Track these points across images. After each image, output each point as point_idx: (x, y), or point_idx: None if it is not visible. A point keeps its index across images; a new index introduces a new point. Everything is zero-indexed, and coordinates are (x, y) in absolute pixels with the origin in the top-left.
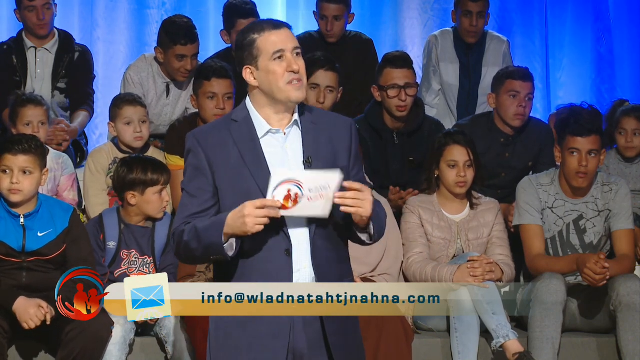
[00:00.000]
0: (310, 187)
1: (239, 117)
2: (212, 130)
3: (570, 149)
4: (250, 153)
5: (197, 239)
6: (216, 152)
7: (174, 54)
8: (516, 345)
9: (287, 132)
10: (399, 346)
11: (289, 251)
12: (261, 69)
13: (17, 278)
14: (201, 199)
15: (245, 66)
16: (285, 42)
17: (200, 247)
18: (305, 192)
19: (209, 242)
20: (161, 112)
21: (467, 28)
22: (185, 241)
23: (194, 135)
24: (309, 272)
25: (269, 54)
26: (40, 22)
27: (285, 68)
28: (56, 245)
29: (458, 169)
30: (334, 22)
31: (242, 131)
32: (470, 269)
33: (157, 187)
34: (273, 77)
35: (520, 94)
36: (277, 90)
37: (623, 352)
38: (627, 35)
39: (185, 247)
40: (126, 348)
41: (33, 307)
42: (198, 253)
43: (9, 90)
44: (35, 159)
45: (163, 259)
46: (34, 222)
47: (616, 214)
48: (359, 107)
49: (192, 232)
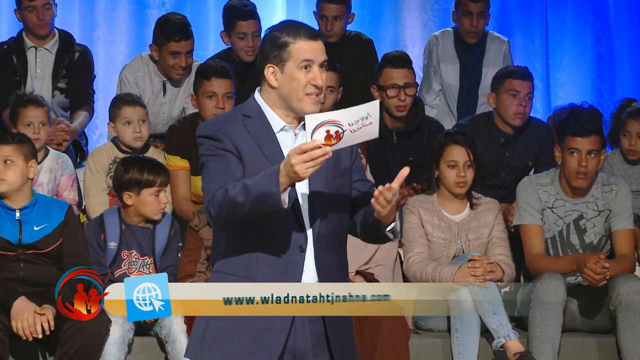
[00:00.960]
0: (350, 121)
1: (251, 112)
2: (227, 121)
3: (570, 149)
4: (269, 146)
5: (246, 193)
6: (238, 141)
7: (168, 50)
8: (517, 345)
9: (297, 132)
10: (396, 344)
11: (302, 247)
12: (286, 73)
13: (15, 270)
14: (238, 170)
15: (269, 64)
16: (317, 54)
17: (249, 200)
18: (346, 128)
19: (261, 192)
20: (158, 111)
21: (467, 28)
22: (231, 196)
23: (211, 124)
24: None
25: (299, 60)
26: (41, 22)
27: (310, 79)
28: (52, 239)
29: (458, 169)
30: (334, 22)
31: (257, 125)
32: (471, 268)
33: (153, 189)
34: (296, 84)
35: (520, 93)
36: (295, 99)
37: (623, 352)
38: (627, 35)
39: (230, 203)
40: (125, 348)
41: (28, 313)
42: (245, 208)
43: (9, 90)
44: (16, 149)
45: (164, 259)
46: (29, 216)
47: (616, 214)
48: None
49: (239, 186)
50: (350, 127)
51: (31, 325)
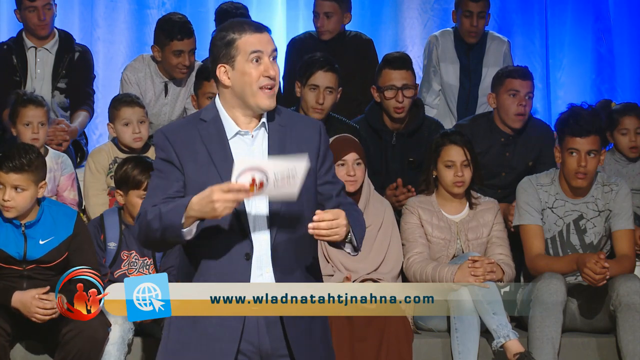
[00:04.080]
0: (276, 175)
1: (208, 117)
2: (180, 128)
3: (569, 149)
4: (219, 153)
5: (159, 220)
6: (184, 149)
7: (171, 50)
8: (517, 346)
9: (254, 134)
10: (400, 346)
11: (249, 255)
12: (237, 69)
13: (18, 286)
14: (171, 188)
15: (220, 64)
16: (264, 45)
17: (160, 228)
18: (271, 180)
19: (169, 223)
20: (160, 112)
21: (467, 28)
22: (148, 220)
23: (163, 132)
24: (270, 277)
25: (247, 53)
26: (41, 22)
27: (262, 72)
28: (58, 252)
29: (455, 168)
30: (325, 18)
31: (211, 131)
32: (471, 268)
33: (140, 192)
34: (248, 78)
35: (520, 93)
36: (250, 94)
37: (623, 352)
38: (627, 35)
39: (147, 227)
40: (125, 348)
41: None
42: (157, 234)
43: (8, 90)
44: (28, 176)
45: (164, 260)
46: (35, 230)
47: (616, 214)
48: (358, 107)
49: (155, 212)
50: (275, 181)
51: (40, 310)
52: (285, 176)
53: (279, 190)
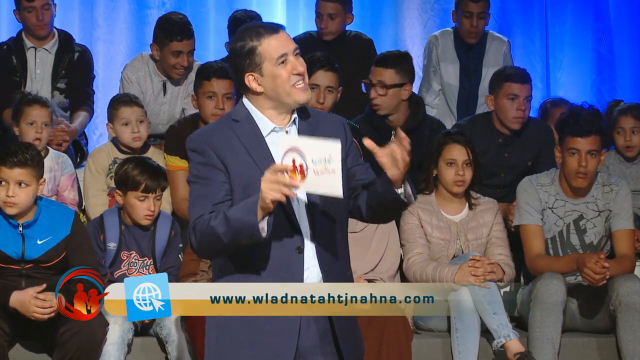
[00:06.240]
0: (313, 157)
1: (240, 116)
2: (214, 130)
3: (569, 149)
4: (258, 151)
5: (226, 224)
6: (225, 150)
7: (170, 50)
8: (517, 345)
9: (288, 129)
10: (399, 346)
11: (300, 249)
12: (266, 74)
13: (17, 285)
14: (219, 194)
15: (247, 73)
16: (286, 46)
17: (228, 231)
18: (309, 163)
19: (240, 223)
20: (159, 111)
21: (467, 28)
22: (211, 227)
23: (198, 137)
24: (317, 272)
25: (273, 59)
26: (40, 22)
27: (290, 71)
28: (56, 252)
29: (457, 167)
30: (328, 20)
31: (246, 130)
32: (472, 268)
33: (138, 193)
34: (279, 81)
35: (519, 97)
36: (285, 94)
37: (623, 352)
38: (627, 35)
39: (210, 234)
40: (124, 348)
41: (30, 298)
42: (225, 239)
43: (8, 90)
44: (31, 171)
45: (164, 260)
46: (33, 230)
47: (616, 214)
48: (359, 107)
49: (220, 217)
50: (313, 165)
51: (38, 309)
52: (321, 158)
53: (321, 179)
